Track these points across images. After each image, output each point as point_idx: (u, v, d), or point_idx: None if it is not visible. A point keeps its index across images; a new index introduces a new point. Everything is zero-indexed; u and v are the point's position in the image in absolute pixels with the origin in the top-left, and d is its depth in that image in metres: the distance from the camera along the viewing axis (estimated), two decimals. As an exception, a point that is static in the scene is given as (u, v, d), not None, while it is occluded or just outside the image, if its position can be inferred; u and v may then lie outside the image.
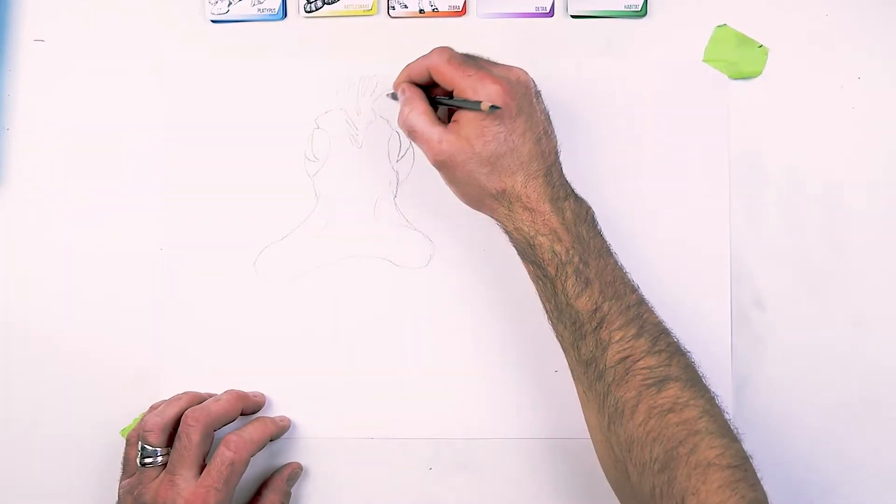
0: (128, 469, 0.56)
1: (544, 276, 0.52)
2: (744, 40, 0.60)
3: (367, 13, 0.61)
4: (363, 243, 0.61)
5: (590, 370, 0.51)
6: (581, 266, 0.50)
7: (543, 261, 0.51)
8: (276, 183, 0.61)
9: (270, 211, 0.60)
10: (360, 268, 0.60)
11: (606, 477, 0.53)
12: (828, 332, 0.60)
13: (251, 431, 0.56)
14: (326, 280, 0.60)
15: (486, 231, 0.59)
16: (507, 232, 0.53)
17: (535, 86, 0.54)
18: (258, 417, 0.58)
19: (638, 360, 0.49)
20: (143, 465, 0.54)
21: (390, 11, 0.61)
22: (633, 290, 0.52)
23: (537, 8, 0.61)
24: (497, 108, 0.50)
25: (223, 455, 0.53)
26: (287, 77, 0.61)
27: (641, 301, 0.52)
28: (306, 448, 0.60)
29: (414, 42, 0.60)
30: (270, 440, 0.58)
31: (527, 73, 0.53)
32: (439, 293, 0.60)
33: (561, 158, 0.54)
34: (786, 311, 0.60)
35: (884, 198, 0.60)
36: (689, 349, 0.52)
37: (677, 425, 0.48)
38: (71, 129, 0.61)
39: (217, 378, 0.60)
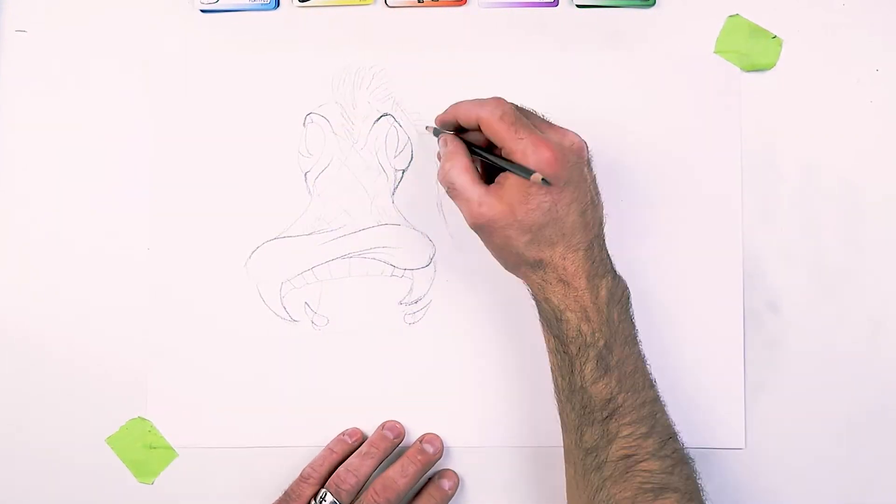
0: (292, 501, 0.56)
1: (564, 352, 0.51)
2: (757, 31, 0.60)
3: (364, 2, 0.60)
4: (359, 243, 0.59)
5: (589, 458, 0.50)
6: (604, 351, 0.50)
7: (567, 337, 0.50)
8: (268, 180, 0.60)
9: (262, 209, 0.60)
10: (356, 269, 0.59)
11: None
12: (844, 334, 0.59)
13: None
14: (321, 281, 0.59)
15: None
16: (535, 300, 0.52)
17: (589, 151, 0.52)
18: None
19: (641, 462, 0.49)
20: None
21: (388, 0, 0.60)
22: (651, 385, 0.51)
23: (541, -3, 0.60)
24: (547, 182, 0.48)
25: None
26: (280, 69, 0.60)
27: (657, 399, 0.51)
28: (309, 456, 0.58)
29: (412, 33, 0.60)
30: None
31: (581, 139, 0.51)
32: (439, 297, 0.59)
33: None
34: (801, 313, 0.59)
35: (902, 195, 0.60)
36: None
37: None
38: (54, 123, 0.60)
39: (207, 382, 0.59)
